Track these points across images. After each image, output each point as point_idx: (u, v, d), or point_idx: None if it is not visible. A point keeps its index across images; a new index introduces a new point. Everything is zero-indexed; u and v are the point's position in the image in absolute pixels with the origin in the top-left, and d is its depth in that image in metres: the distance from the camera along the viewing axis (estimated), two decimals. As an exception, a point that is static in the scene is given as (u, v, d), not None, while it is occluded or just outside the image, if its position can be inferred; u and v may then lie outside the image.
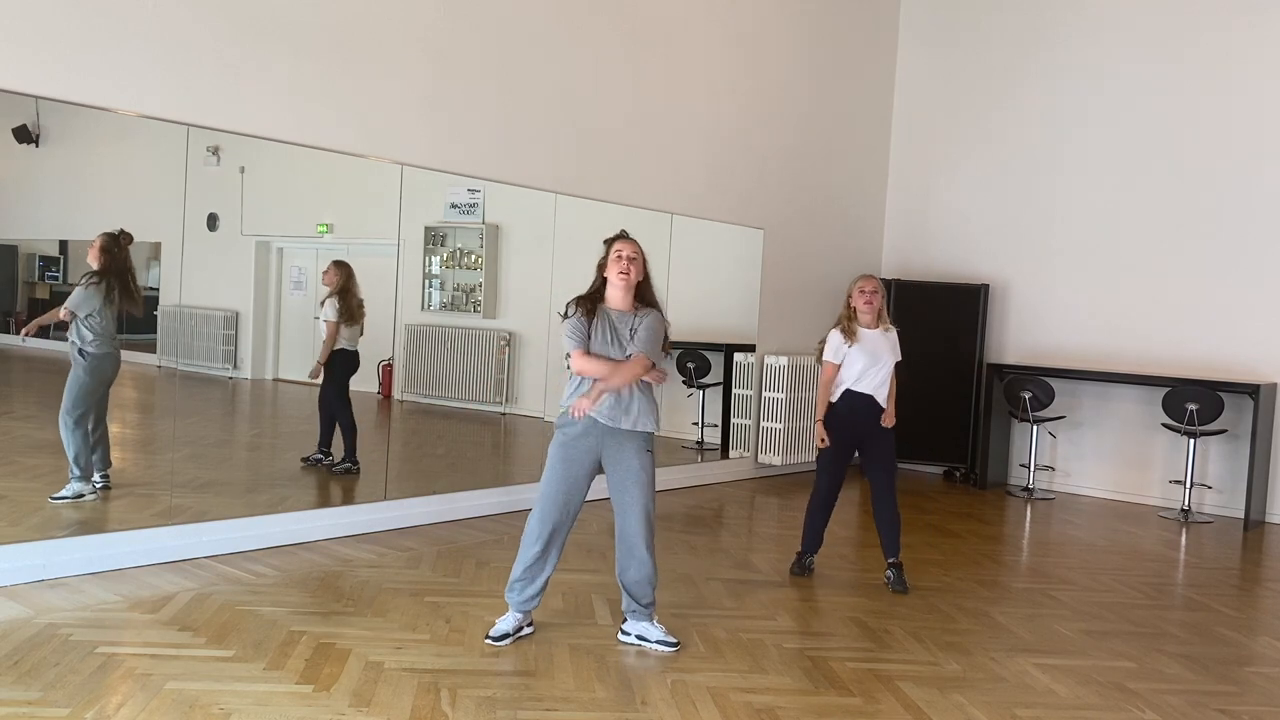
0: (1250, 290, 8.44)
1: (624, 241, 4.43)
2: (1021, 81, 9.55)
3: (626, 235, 4.48)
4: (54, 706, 3.47)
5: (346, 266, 6.60)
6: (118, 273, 5.40)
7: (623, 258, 4.36)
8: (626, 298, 4.38)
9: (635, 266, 4.36)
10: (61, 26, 4.84)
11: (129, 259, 5.47)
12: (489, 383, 7.83)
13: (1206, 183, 8.65)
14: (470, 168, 6.77)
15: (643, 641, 4.39)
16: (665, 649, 4.35)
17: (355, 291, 6.60)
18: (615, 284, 4.37)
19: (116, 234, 5.41)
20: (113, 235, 5.41)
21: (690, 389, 8.85)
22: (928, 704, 3.95)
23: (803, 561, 5.72)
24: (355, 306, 6.60)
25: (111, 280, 5.38)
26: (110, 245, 5.39)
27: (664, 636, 4.40)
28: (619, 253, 4.37)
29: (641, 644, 4.38)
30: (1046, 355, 9.34)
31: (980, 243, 9.73)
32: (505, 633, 4.33)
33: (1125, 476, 8.97)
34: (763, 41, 8.85)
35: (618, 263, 4.35)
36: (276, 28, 5.65)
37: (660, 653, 4.33)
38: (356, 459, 6.64)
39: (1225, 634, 5.16)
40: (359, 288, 6.62)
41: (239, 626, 4.36)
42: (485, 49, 6.72)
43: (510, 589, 4.40)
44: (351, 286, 6.59)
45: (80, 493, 5.36)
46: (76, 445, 5.34)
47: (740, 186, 8.73)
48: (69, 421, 5.32)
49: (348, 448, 6.63)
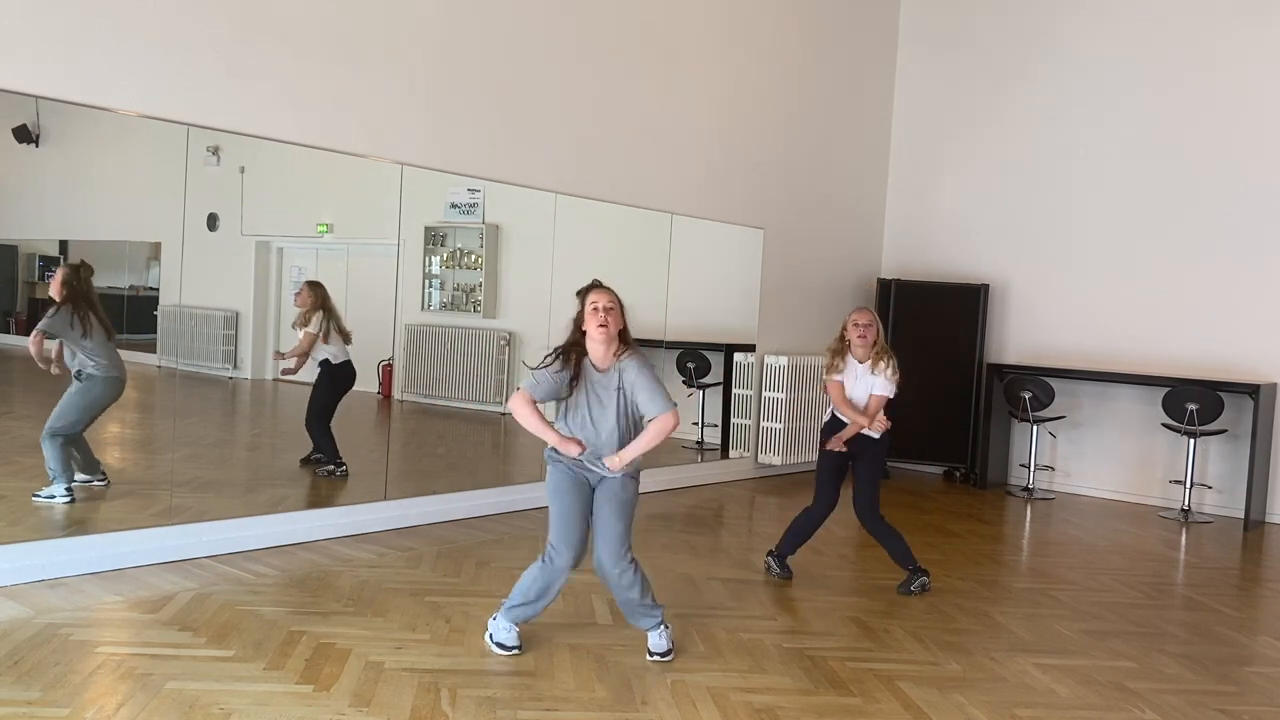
0: (1250, 290, 8.44)
1: (598, 292, 4.23)
2: (1022, 82, 9.55)
3: (599, 284, 4.28)
4: (54, 706, 3.47)
5: (321, 287, 6.59)
6: (77, 303, 5.36)
7: (599, 310, 4.16)
8: (608, 349, 4.22)
9: (613, 317, 4.17)
10: (61, 26, 4.84)
11: (91, 290, 5.44)
12: (489, 383, 7.82)
13: (1206, 183, 8.65)
14: (470, 168, 6.77)
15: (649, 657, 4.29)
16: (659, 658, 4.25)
17: (334, 309, 6.58)
18: (595, 338, 4.17)
19: (77, 265, 5.42)
20: (74, 267, 5.41)
21: (690, 389, 8.84)
22: (928, 704, 3.95)
23: (782, 562, 5.64)
24: (339, 323, 6.59)
25: (74, 310, 5.34)
26: (70, 278, 5.37)
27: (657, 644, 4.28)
28: (594, 305, 4.18)
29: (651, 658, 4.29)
30: (1046, 355, 9.34)
31: (980, 243, 9.74)
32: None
33: (1125, 476, 8.97)
34: (763, 42, 8.85)
35: (595, 315, 4.15)
36: (276, 28, 5.65)
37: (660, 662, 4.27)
38: (342, 460, 6.60)
39: (1225, 634, 5.16)
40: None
41: (239, 626, 4.36)
42: (486, 49, 6.72)
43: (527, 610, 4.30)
44: (330, 305, 6.57)
45: (52, 494, 5.31)
46: (54, 456, 5.32)
47: (740, 186, 8.73)
48: (47, 435, 5.31)
49: (328, 454, 6.59)
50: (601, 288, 4.29)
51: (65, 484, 5.32)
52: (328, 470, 6.58)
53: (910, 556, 5.53)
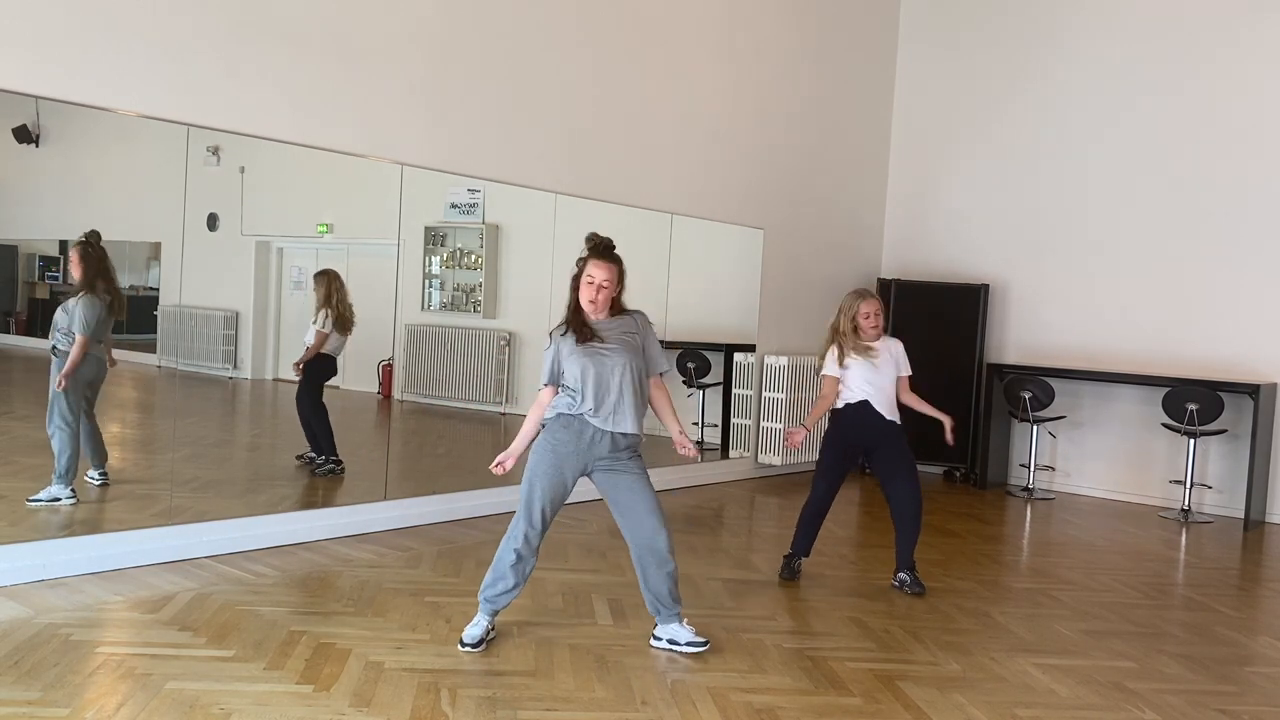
0: (1250, 290, 8.44)
1: (597, 264, 4.14)
2: (1022, 82, 9.55)
3: (602, 250, 4.18)
4: (54, 706, 3.47)
5: (323, 277, 6.58)
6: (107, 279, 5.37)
7: (594, 284, 4.12)
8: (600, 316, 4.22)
9: (604, 297, 4.14)
10: (61, 26, 4.84)
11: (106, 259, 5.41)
12: (489, 383, 7.83)
13: (1207, 182, 8.65)
14: (470, 168, 6.77)
15: (674, 646, 4.32)
16: (696, 649, 4.30)
17: (345, 299, 6.58)
18: (584, 309, 4.17)
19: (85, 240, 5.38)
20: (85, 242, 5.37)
21: (690, 389, 8.85)
22: (928, 704, 3.95)
23: (791, 565, 5.64)
24: (346, 314, 6.58)
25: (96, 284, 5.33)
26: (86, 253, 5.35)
27: (693, 637, 4.33)
28: (590, 279, 4.13)
29: (673, 649, 4.31)
30: (1046, 355, 9.34)
31: (980, 243, 9.73)
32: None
33: (1125, 476, 8.97)
34: (763, 41, 8.85)
35: (589, 288, 4.13)
36: (276, 28, 5.65)
37: (692, 653, 4.29)
38: (339, 458, 6.59)
39: (1225, 634, 5.15)
40: (348, 294, 6.60)
41: (239, 626, 4.36)
42: (486, 49, 6.72)
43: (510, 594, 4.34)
44: (340, 294, 6.57)
45: (57, 496, 5.30)
46: (60, 446, 5.29)
47: (740, 186, 8.73)
48: (49, 424, 5.29)
49: (326, 448, 6.59)
50: (602, 258, 4.17)
51: (66, 484, 5.30)
52: (327, 469, 6.58)
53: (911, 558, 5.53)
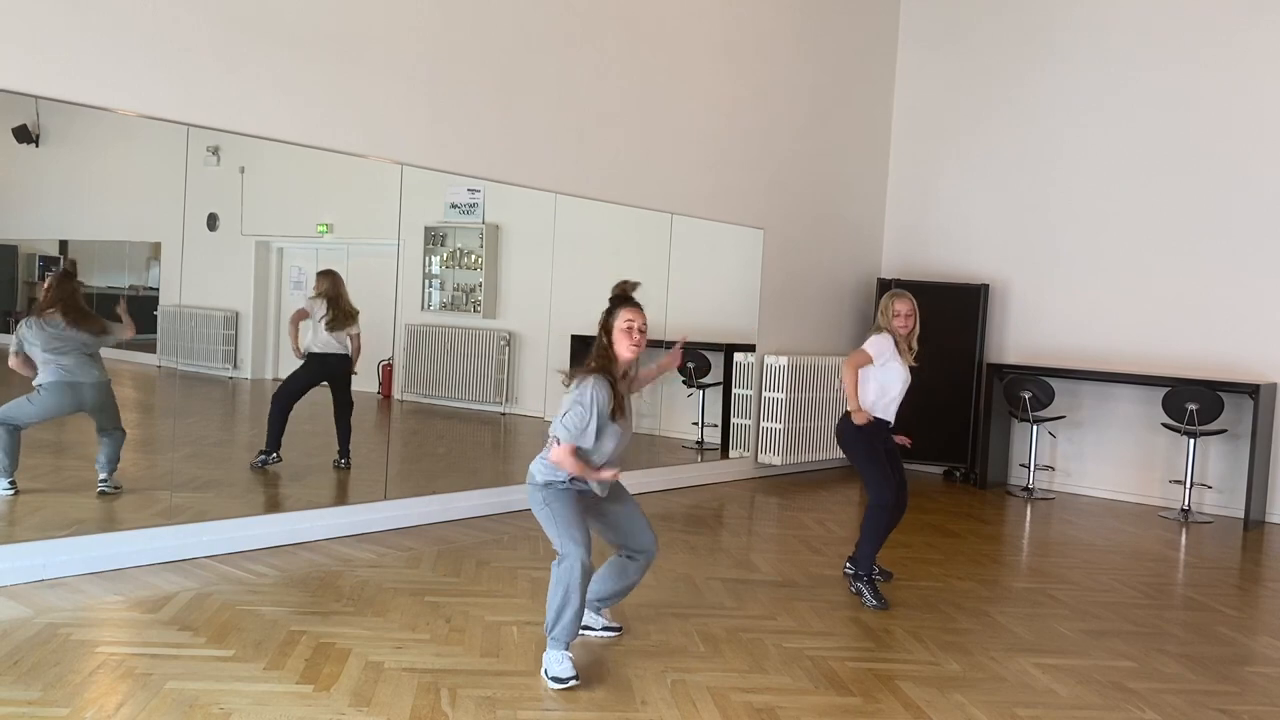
0: (1250, 290, 8.44)
1: (635, 311, 4.16)
2: (1021, 82, 9.55)
3: (633, 300, 4.20)
4: (54, 706, 3.47)
5: (323, 277, 6.58)
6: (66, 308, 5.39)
7: (634, 327, 4.12)
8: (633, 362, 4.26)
9: (643, 340, 4.15)
10: (61, 26, 4.84)
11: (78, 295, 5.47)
12: (489, 383, 7.83)
13: (1206, 182, 8.65)
14: (470, 168, 6.77)
15: (588, 631, 4.47)
16: (610, 634, 4.50)
17: (345, 297, 6.57)
18: (624, 355, 4.13)
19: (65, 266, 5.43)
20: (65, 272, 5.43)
21: (690, 389, 8.85)
22: (928, 704, 3.95)
23: (873, 584, 5.34)
24: (343, 313, 6.56)
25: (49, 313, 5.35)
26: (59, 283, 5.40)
27: (608, 622, 4.54)
28: (630, 323, 4.12)
29: (586, 633, 4.46)
30: (1046, 355, 9.34)
31: (980, 243, 9.74)
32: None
33: (1125, 476, 8.97)
34: (763, 42, 8.85)
35: (629, 335, 4.11)
36: (276, 28, 5.65)
37: (606, 638, 4.45)
38: (278, 452, 6.43)
39: (1225, 634, 5.16)
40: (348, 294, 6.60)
41: (239, 626, 4.36)
42: (485, 49, 6.72)
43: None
44: (341, 293, 6.56)
45: None
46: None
47: (740, 186, 8.73)
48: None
49: (272, 439, 6.43)
50: (635, 304, 4.21)
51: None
52: (261, 460, 6.40)
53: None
